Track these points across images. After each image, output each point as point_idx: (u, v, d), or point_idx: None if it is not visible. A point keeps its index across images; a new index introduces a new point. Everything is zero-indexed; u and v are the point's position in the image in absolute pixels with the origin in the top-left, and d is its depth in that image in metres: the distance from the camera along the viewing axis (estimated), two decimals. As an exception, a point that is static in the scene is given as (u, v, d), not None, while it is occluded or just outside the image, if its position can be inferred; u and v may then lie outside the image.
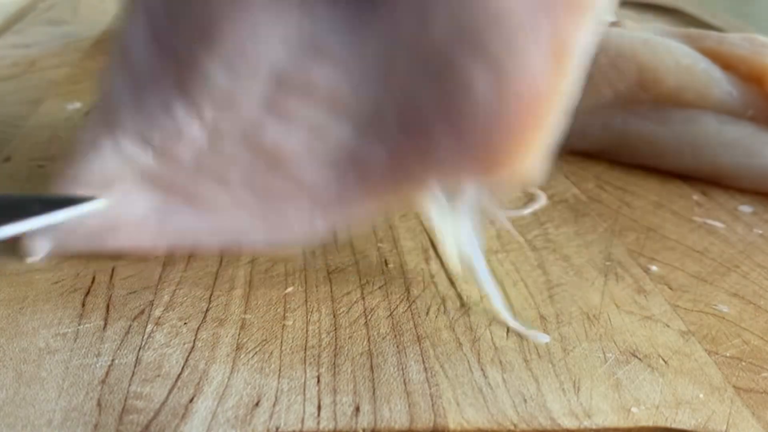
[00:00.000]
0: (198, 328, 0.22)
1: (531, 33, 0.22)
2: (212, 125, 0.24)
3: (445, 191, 0.24)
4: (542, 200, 0.32)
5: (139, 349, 0.21)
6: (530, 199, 0.32)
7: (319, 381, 0.20)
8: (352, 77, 0.24)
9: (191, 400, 0.19)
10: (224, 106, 0.24)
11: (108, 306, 0.23)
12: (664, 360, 0.22)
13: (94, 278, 0.25)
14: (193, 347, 0.22)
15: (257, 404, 0.19)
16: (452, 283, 0.25)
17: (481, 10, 0.22)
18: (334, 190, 0.24)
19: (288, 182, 0.25)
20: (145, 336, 0.22)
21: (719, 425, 0.19)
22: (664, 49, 0.34)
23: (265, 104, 0.24)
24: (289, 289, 0.25)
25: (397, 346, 0.22)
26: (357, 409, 0.19)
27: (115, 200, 0.25)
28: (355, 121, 0.24)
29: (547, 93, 0.22)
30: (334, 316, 0.23)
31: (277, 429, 0.19)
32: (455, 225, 0.24)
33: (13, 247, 0.25)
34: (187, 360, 0.21)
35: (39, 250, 0.25)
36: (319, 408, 0.19)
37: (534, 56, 0.22)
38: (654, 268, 0.27)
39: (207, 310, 0.23)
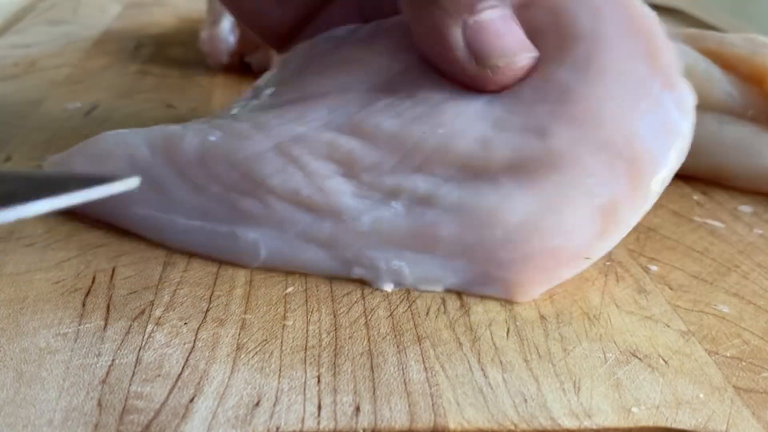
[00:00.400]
0: (198, 328, 0.22)
1: (583, 188, 0.23)
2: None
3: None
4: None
5: (140, 349, 0.21)
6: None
7: (319, 381, 0.20)
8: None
9: (191, 400, 0.19)
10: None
11: (108, 306, 0.23)
12: (664, 360, 0.22)
13: (94, 278, 0.25)
14: (193, 347, 0.22)
15: (257, 404, 0.19)
16: (452, 283, 0.25)
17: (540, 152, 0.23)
18: None
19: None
20: (146, 336, 0.22)
21: (719, 425, 0.19)
22: (664, 49, 0.34)
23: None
24: (289, 289, 0.25)
25: (397, 346, 0.22)
26: (357, 408, 0.19)
27: None
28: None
29: (579, 249, 0.23)
30: (334, 316, 0.23)
31: (277, 429, 0.19)
32: None
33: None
34: (187, 360, 0.21)
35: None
36: (319, 408, 0.19)
37: (584, 210, 0.23)
38: (654, 268, 0.27)
39: (207, 310, 0.23)
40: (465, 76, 0.24)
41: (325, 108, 0.26)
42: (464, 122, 0.24)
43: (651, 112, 0.23)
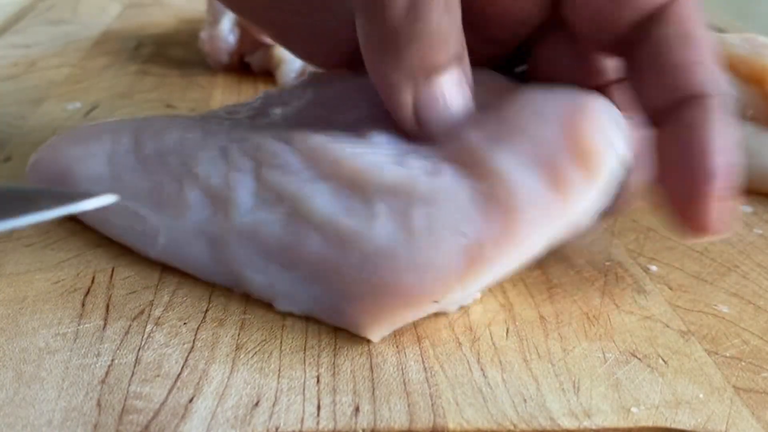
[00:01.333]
0: (198, 328, 0.22)
1: (451, 224, 0.22)
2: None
3: None
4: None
5: (139, 349, 0.21)
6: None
7: (318, 381, 0.20)
8: None
9: (191, 400, 0.19)
10: None
11: (108, 306, 0.23)
12: (663, 360, 0.22)
13: (93, 278, 0.25)
14: (192, 347, 0.22)
15: (257, 404, 0.19)
16: (452, 283, 0.25)
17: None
18: None
19: None
20: (145, 336, 0.22)
21: (719, 425, 0.19)
22: (664, 49, 0.34)
23: None
24: (289, 289, 0.24)
25: (397, 346, 0.22)
26: (356, 409, 0.19)
27: None
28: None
29: (432, 290, 0.22)
30: (333, 316, 0.23)
31: (276, 429, 0.19)
32: None
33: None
34: (186, 360, 0.21)
35: None
36: (318, 408, 0.19)
37: (446, 248, 0.21)
38: (654, 268, 0.27)
39: (207, 310, 0.23)
40: (405, 128, 0.25)
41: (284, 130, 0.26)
42: (375, 147, 0.24)
43: (546, 170, 0.22)
